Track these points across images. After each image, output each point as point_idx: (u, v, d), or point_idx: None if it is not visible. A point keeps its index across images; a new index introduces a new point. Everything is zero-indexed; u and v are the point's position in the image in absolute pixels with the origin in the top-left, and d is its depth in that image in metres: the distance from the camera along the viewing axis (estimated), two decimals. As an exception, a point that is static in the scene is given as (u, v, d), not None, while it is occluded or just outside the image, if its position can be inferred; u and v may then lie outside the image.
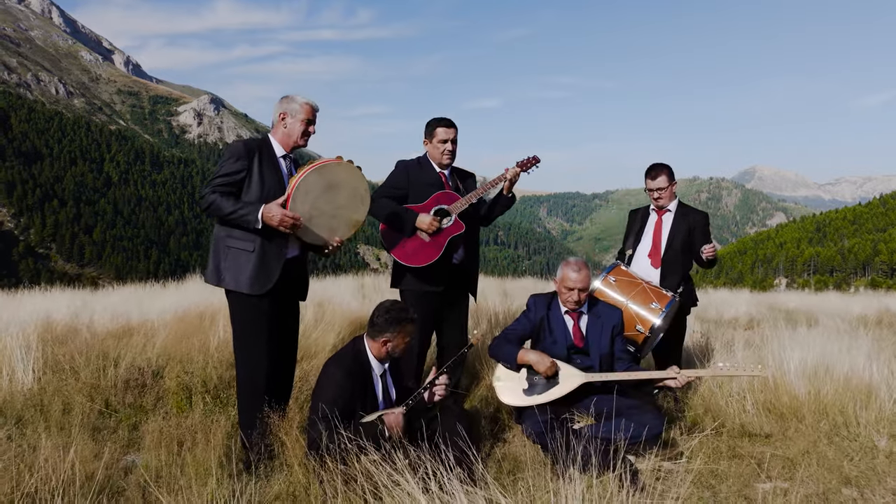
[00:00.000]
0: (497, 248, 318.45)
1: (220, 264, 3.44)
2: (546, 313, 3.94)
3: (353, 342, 3.39)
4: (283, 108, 3.54)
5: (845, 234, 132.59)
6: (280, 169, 3.53)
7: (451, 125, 4.13)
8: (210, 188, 3.36)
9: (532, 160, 4.17)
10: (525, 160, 4.16)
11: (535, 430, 3.50)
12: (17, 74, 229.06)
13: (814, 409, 4.46)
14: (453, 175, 4.24)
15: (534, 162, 4.17)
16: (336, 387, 3.14)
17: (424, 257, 3.96)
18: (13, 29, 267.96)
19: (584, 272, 3.86)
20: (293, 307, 3.73)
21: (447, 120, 4.14)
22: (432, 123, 4.14)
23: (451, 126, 4.13)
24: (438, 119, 4.15)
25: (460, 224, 4.02)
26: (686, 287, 4.57)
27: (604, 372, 3.81)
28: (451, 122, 4.14)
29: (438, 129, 4.11)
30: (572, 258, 3.94)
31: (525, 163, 4.15)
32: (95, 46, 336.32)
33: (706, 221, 4.63)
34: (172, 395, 4.09)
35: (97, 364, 4.41)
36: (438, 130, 4.10)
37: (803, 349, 5.04)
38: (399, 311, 3.30)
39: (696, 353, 5.38)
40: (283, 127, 3.54)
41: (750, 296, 15.10)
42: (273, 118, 3.56)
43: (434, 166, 4.16)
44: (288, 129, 3.53)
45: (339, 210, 3.59)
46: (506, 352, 3.80)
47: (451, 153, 4.13)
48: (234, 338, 3.51)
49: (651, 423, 3.47)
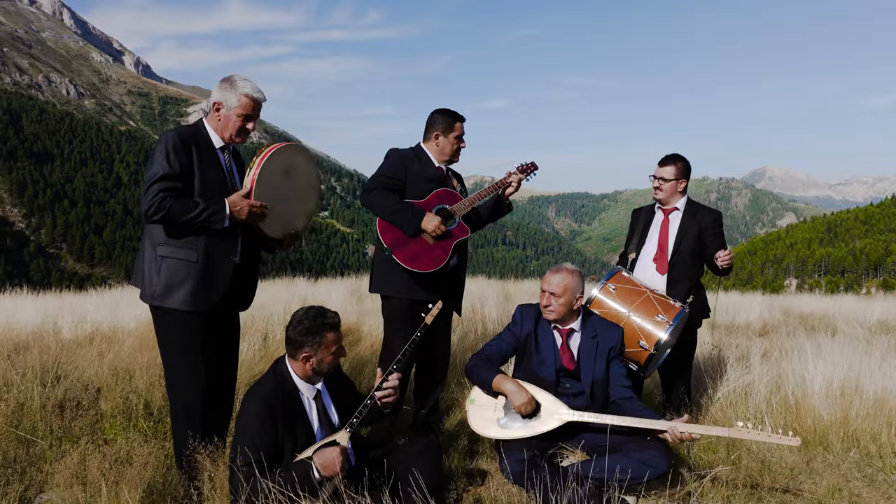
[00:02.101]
0: (505, 248, 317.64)
1: (153, 278, 2.92)
2: (534, 328, 3.41)
3: (273, 366, 2.84)
4: (217, 95, 2.99)
5: (857, 235, 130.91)
6: (220, 162, 3.02)
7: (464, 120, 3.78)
8: (155, 194, 2.77)
9: (531, 166, 3.85)
10: (525, 165, 3.85)
11: (513, 470, 2.97)
12: (29, 76, 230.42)
13: (842, 436, 3.93)
14: (448, 173, 3.83)
15: (532, 168, 3.85)
16: (254, 425, 2.61)
17: (430, 262, 3.51)
18: (25, 30, 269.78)
19: (562, 276, 3.30)
20: (233, 319, 3.23)
21: (463, 116, 3.76)
22: (450, 115, 3.72)
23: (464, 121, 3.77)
24: (455, 112, 3.74)
25: (465, 228, 3.64)
26: (697, 296, 4.02)
27: (595, 404, 3.29)
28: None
29: (458, 123, 3.72)
30: (562, 264, 3.41)
31: (526, 168, 3.84)
32: (106, 48, 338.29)
33: (719, 222, 4.08)
34: (109, 419, 3.60)
35: (33, 381, 3.92)
36: (458, 125, 3.72)
37: (827, 364, 4.50)
38: (314, 317, 2.73)
39: (707, 368, 4.83)
40: (218, 119, 3.01)
41: (762, 299, 14.47)
42: (209, 104, 3.05)
43: (433, 161, 3.72)
44: (222, 121, 3.01)
45: (297, 197, 3.18)
46: (482, 374, 3.28)
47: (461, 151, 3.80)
48: (165, 361, 3.00)
49: (654, 463, 2.94)
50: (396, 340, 3.65)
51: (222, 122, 3.00)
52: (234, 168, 3.09)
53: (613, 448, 3.07)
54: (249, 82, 2.98)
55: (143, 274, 2.97)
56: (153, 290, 2.92)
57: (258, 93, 2.98)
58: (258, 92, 2.98)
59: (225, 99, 2.97)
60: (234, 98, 2.95)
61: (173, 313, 2.92)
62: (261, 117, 3.19)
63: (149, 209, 2.77)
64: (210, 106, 3.03)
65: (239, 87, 2.96)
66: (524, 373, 3.39)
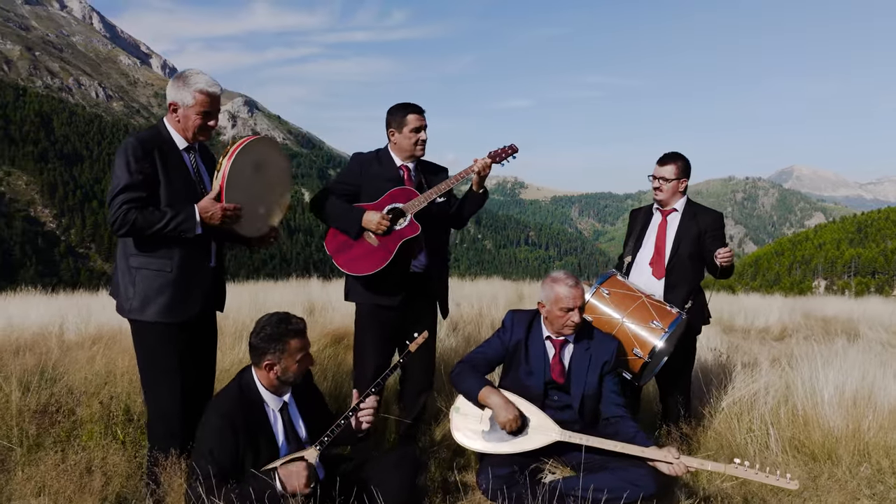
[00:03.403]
0: (527, 248, 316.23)
1: (129, 291, 2.82)
2: (525, 336, 3.23)
3: (238, 375, 2.72)
4: (172, 95, 2.84)
5: (888, 235, 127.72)
6: (186, 165, 2.90)
7: (423, 111, 3.54)
8: (118, 207, 2.66)
9: (508, 150, 3.54)
10: (499, 150, 3.53)
11: (491, 486, 2.81)
12: (60, 79, 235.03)
13: (852, 450, 3.71)
14: (419, 170, 3.63)
15: (510, 152, 3.53)
16: (212, 438, 2.49)
17: (370, 264, 3.34)
18: (56, 35, 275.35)
19: (581, 285, 3.16)
20: (210, 323, 3.12)
21: (417, 105, 3.55)
22: (400, 109, 3.53)
23: (423, 112, 3.54)
24: (406, 104, 3.54)
25: (416, 225, 3.38)
26: (696, 301, 3.82)
27: (583, 419, 3.13)
28: (421, 107, 3.54)
29: (409, 115, 3.49)
30: (557, 272, 3.22)
31: (499, 153, 3.52)
32: (134, 51, 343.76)
33: (720, 223, 3.88)
34: (87, 424, 3.52)
35: (16, 385, 3.86)
36: (410, 118, 3.49)
37: (840, 371, 4.27)
38: (277, 323, 2.60)
39: (713, 375, 4.62)
40: (177, 120, 2.88)
41: (784, 301, 14.08)
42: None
43: (395, 159, 3.56)
44: (182, 122, 2.87)
45: (270, 192, 3.06)
46: (467, 384, 3.12)
47: (424, 143, 3.55)
48: (143, 375, 2.91)
49: (642, 483, 2.77)
50: (363, 347, 3.54)
51: (181, 123, 2.87)
52: (203, 169, 2.97)
53: (600, 465, 2.91)
54: (203, 76, 2.84)
55: (118, 286, 2.89)
56: (129, 303, 2.84)
57: (213, 86, 2.84)
58: (213, 85, 2.84)
59: (180, 98, 2.83)
60: (188, 96, 2.81)
61: (151, 326, 2.83)
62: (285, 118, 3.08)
63: (114, 223, 2.68)
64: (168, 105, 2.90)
65: (192, 83, 2.82)
66: (511, 381, 3.23)
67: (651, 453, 2.84)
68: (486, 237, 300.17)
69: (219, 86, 2.86)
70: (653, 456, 2.84)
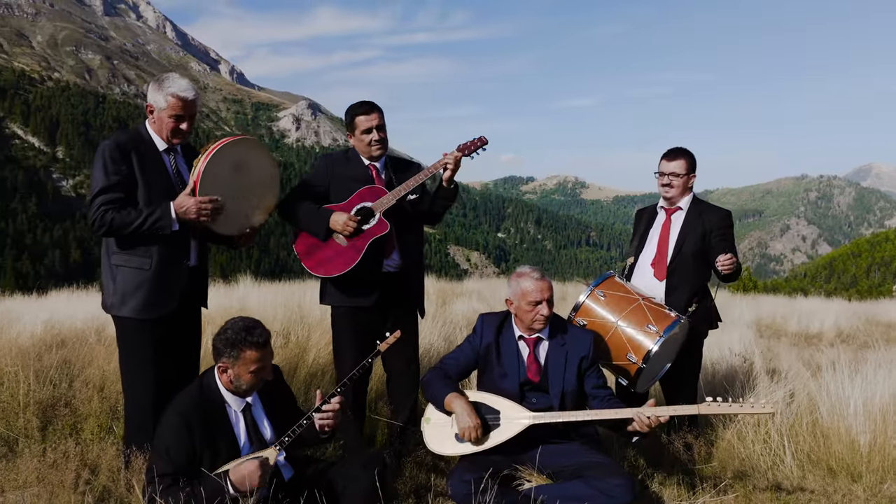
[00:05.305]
0: (588, 249, 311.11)
1: (109, 287, 2.94)
2: (495, 338, 3.15)
3: (201, 375, 2.72)
4: (149, 98, 2.94)
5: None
6: (165, 166, 2.98)
7: (373, 110, 3.46)
8: (96, 209, 2.78)
9: (477, 142, 3.45)
10: (468, 143, 3.46)
11: (459, 491, 2.73)
12: (136, 86, 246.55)
13: (875, 466, 3.44)
14: (388, 167, 3.57)
15: (479, 144, 3.45)
16: (168, 437, 2.50)
17: (340, 265, 3.31)
18: (132, 44, 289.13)
19: (547, 278, 3.09)
20: (193, 320, 3.17)
21: (366, 104, 3.48)
22: (349, 113, 3.50)
23: (373, 111, 3.45)
24: (355, 106, 3.49)
25: (385, 224, 3.34)
26: (701, 304, 3.63)
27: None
28: (372, 105, 3.47)
29: (357, 118, 3.45)
30: (523, 266, 3.15)
31: (468, 146, 3.44)
32: (204, 57, 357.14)
33: (727, 222, 3.67)
34: (88, 419, 3.63)
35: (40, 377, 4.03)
36: (358, 120, 3.44)
37: (870, 382, 3.96)
38: (239, 330, 2.56)
39: (736, 382, 4.36)
40: (153, 122, 2.97)
41: (846, 306, 13.33)
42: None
43: (363, 160, 3.53)
44: (157, 124, 2.96)
45: (250, 193, 3.08)
46: (434, 390, 3.06)
47: (381, 142, 3.47)
48: (121, 368, 3.02)
49: (616, 493, 2.65)
50: (342, 349, 3.53)
51: (156, 125, 2.96)
52: (184, 169, 3.02)
53: (574, 473, 2.80)
54: (179, 81, 2.92)
55: (106, 284, 2.99)
56: (110, 299, 2.95)
57: (185, 91, 2.90)
58: (186, 90, 2.90)
59: (154, 101, 2.92)
60: (161, 99, 2.90)
61: (128, 321, 2.93)
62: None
63: (93, 224, 2.80)
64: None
65: (166, 87, 2.90)
66: (486, 386, 3.15)
67: (624, 413, 2.87)
68: (546, 237, 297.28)
69: (193, 91, 2.93)
70: (626, 415, 2.86)
